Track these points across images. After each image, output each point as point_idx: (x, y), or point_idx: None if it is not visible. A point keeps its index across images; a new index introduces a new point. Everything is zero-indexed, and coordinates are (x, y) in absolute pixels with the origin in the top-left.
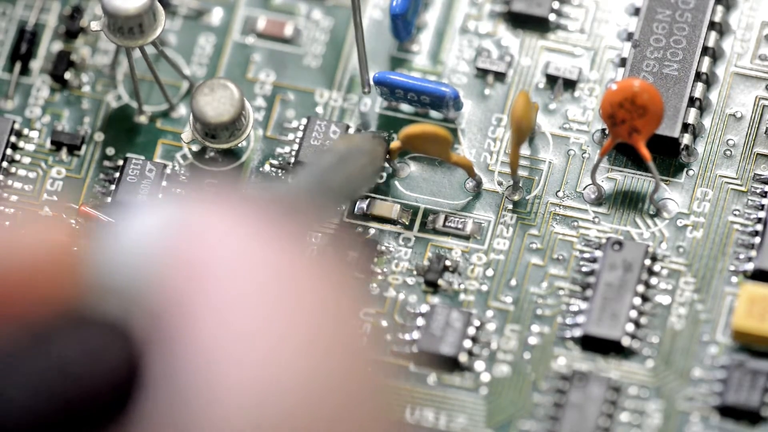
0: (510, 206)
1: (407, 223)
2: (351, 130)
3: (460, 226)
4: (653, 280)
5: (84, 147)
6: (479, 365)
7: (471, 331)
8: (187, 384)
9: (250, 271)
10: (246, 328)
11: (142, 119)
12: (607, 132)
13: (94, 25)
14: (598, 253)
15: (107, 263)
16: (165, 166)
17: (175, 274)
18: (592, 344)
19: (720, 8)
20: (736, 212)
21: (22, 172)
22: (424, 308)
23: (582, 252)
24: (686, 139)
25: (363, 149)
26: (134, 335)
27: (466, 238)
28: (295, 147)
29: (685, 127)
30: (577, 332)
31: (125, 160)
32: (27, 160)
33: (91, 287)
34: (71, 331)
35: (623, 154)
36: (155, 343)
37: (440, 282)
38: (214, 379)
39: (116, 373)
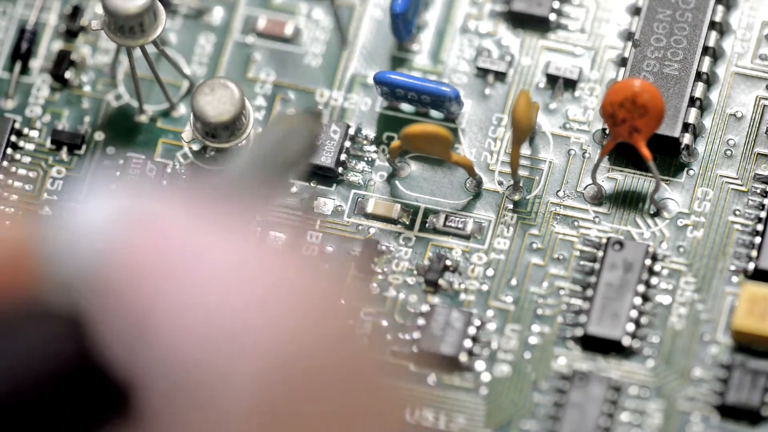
0: (510, 206)
1: (407, 223)
2: (351, 130)
3: (460, 225)
4: (654, 280)
5: (84, 146)
6: (479, 365)
7: (471, 330)
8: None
9: (209, 248)
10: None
11: (143, 118)
12: (607, 132)
13: (95, 24)
14: (598, 253)
15: (59, 255)
16: (165, 165)
17: (130, 259)
18: (592, 344)
19: (720, 8)
20: (737, 212)
21: (22, 172)
22: (425, 308)
23: (582, 252)
24: (687, 138)
25: (301, 132)
26: (87, 324)
27: (467, 237)
28: None
29: (686, 126)
30: (578, 332)
31: (126, 159)
32: (27, 159)
33: (44, 280)
34: (24, 323)
35: (623, 153)
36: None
37: (441, 282)
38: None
39: (65, 361)
